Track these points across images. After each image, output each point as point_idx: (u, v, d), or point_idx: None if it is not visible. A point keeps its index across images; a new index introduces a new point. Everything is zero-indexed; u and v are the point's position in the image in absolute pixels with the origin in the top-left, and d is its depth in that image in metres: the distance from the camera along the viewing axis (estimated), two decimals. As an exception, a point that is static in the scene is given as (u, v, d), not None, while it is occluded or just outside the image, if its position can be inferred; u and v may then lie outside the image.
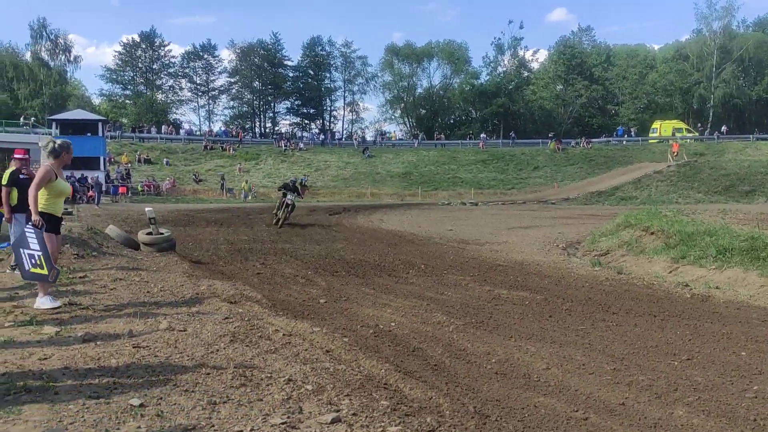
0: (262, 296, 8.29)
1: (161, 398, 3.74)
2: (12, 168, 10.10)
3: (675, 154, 51.96)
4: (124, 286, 8.52)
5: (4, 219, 10.10)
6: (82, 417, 3.38)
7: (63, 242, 13.00)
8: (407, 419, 3.54)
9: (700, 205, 32.71)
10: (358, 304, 8.27)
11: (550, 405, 4.39)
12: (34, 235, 6.64)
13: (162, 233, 13.73)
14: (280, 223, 21.29)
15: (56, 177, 7.02)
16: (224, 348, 5.08)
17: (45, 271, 6.56)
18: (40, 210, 6.80)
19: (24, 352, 4.75)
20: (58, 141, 7.17)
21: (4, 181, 9.92)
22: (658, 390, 4.78)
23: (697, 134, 62.21)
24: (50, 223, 7.00)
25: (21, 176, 10.14)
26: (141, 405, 3.58)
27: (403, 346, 5.86)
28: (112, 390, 3.86)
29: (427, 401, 4.00)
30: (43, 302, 6.58)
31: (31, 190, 6.80)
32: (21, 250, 6.63)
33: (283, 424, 3.38)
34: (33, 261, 6.56)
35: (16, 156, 10.50)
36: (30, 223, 6.76)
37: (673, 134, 60.04)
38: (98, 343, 5.12)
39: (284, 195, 22.09)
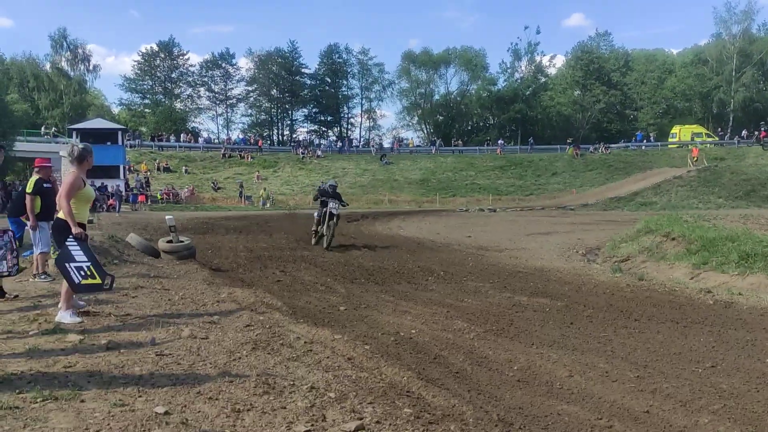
0: (282, 303, 8.32)
1: (186, 406, 3.77)
2: (36, 177, 10.24)
3: (695, 159, 51.58)
4: (146, 294, 8.59)
5: (29, 227, 10.20)
6: (108, 425, 3.41)
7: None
8: (431, 427, 3.54)
9: (720, 210, 32.41)
10: (378, 311, 8.26)
11: (573, 413, 4.37)
12: (78, 247, 6.37)
13: (182, 241, 13.82)
14: (327, 242, 16.40)
15: (84, 184, 6.79)
16: (246, 356, 5.11)
17: (98, 280, 6.35)
18: (66, 218, 6.48)
19: (49, 360, 4.80)
20: (80, 145, 6.95)
21: (29, 189, 10.06)
22: (682, 397, 4.74)
23: (717, 139, 61.68)
24: (68, 231, 6.66)
25: (45, 185, 10.29)
26: (166, 413, 3.61)
27: (425, 353, 5.84)
28: (136, 398, 3.90)
29: (450, 409, 3.99)
30: (63, 316, 6.38)
31: (62, 201, 6.47)
32: (66, 264, 6.32)
33: (307, 431, 3.39)
34: (82, 273, 6.30)
35: (38, 164, 10.65)
36: (72, 236, 6.41)
37: (692, 139, 59.61)
38: (122, 351, 5.17)
39: (324, 204, 16.78)
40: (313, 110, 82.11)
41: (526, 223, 27.00)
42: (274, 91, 78.27)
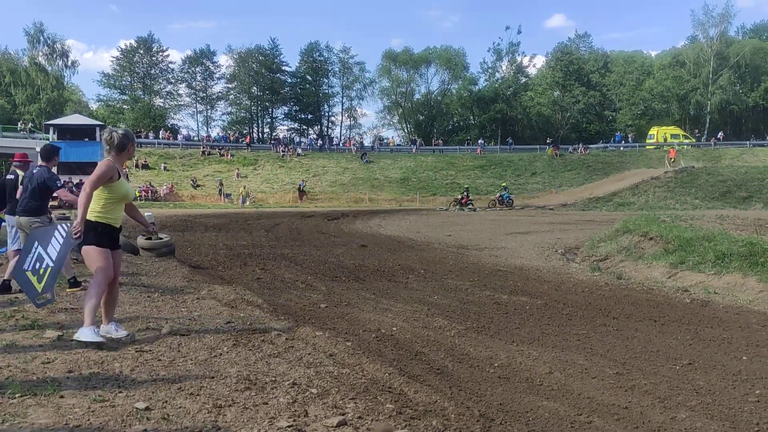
0: (263, 301, 8.29)
1: (166, 401, 3.75)
2: (21, 172, 10.08)
3: (672, 160, 52.12)
4: (125, 291, 8.50)
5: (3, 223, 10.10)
6: (89, 420, 3.39)
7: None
8: (413, 422, 3.55)
9: (697, 210, 32.73)
10: (359, 308, 8.26)
11: (553, 408, 4.40)
12: (61, 242, 5.44)
13: (161, 238, 13.72)
14: None
15: (119, 176, 5.66)
16: (227, 352, 5.09)
17: (39, 287, 5.35)
18: (95, 219, 5.49)
19: (27, 356, 4.75)
20: (121, 130, 5.83)
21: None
22: (660, 394, 4.79)
23: (693, 140, 62.41)
24: (107, 236, 5.58)
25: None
26: (146, 408, 3.59)
27: (406, 350, 5.86)
28: (117, 393, 3.87)
29: (432, 404, 4.00)
30: (84, 333, 5.22)
31: (86, 187, 5.41)
32: (36, 243, 5.42)
33: (289, 427, 3.39)
34: (36, 265, 5.34)
35: (21, 159, 10.49)
36: (68, 225, 5.53)
37: (665, 140, 60.29)
38: (102, 346, 5.12)
39: None
40: (294, 108, 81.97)
41: (505, 223, 27.11)
42: (255, 88, 78.00)
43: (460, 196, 42.16)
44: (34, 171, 9.03)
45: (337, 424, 3.42)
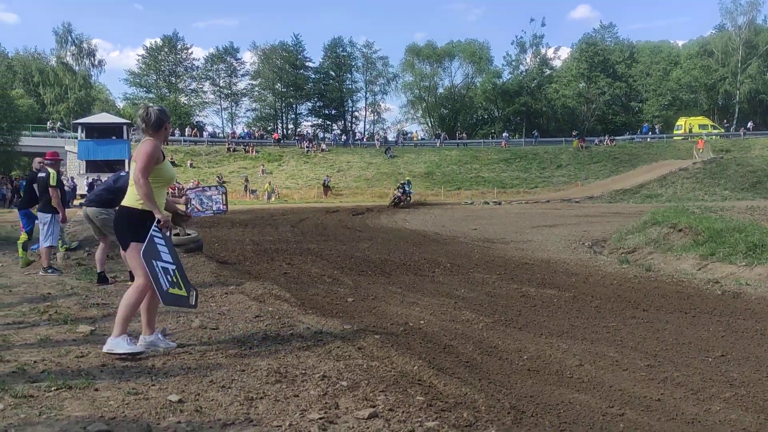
0: (291, 295, 8.32)
1: (199, 394, 3.79)
2: (53, 170, 10.26)
3: (701, 150, 51.45)
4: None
5: (56, 220, 10.23)
6: (123, 412, 3.43)
7: (83, 243, 13.19)
8: (444, 414, 3.55)
9: (726, 202, 32.29)
10: (386, 302, 8.27)
11: (584, 401, 4.37)
12: (164, 243, 5.02)
13: (189, 234, 13.83)
14: None
15: (163, 156, 5.14)
16: (257, 345, 5.13)
17: (184, 292, 5.14)
18: (137, 206, 4.90)
19: (61, 350, 4.83)
20: (156, 106, 5.25)
21: (53, 182, 10.10)
22: (693, 386, 4.74)
23: (722, 131, 61.52)
24: (143, 225, 4.89)
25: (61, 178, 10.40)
26: (180, 401, 3.63)
27: (434, 343, 5.85)
28: (150, 386, 3.92)
29: (462, 397, 3.99)
30: (118, 344, 4.76)
31: (139, 178, 4.80)
32: (154, 262, 4.88)
33: (321, 419, 3.41)
34: (169, 278, 4.99)
35: (53, 157, 10.65)
36: (155, 225, 4.92)
37: (691, 131, 59.52)
38: (132, 341, 5.18)
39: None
40: (318, 104, 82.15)
41: (531, 216, 26.97)
42: (279, 85, 78.26)
43: (400, 191, 35.45)
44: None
45: (368, 416, 3.43)
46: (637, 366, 5.24)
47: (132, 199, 4.94)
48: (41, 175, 10.35)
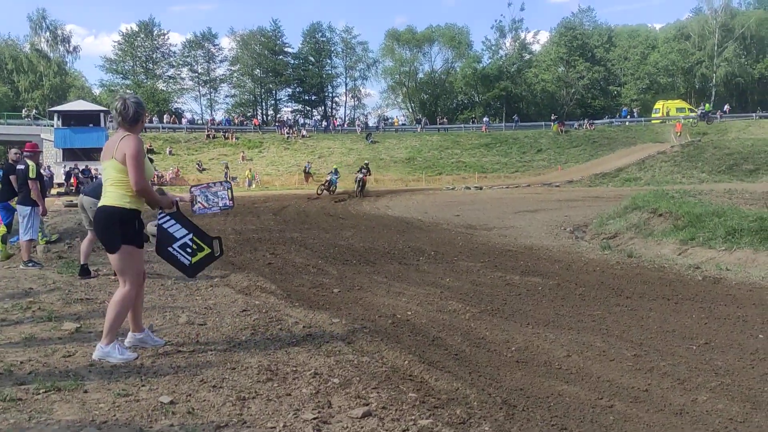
0: (276, 287, 8.30)
1: (190, 395, 3.77)
2: (32, 162, 10.14)
3: (678, 134, 51.84)
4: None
5: (36, 213, 10.12)
6: (114, 415, 3.41)
7: (63, 236, 13.04)
8: (437, 411, 3.56)
9: (704, 185, 32.58)
10: (372, 293, 8.26)
11: (573, 393, 4.40)
12: (173, 222, 5.09)
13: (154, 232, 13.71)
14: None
15: (144, 152, 4.94)
16: (246, 341, 5.11)
17: (207, 250, 5.17)
18: (122, 205, 4.72)
19: (47, 349, 4.78)
20: (132, 98, 4.95)
21: (33, 175, 9.99)
22: (680, 375, 4.79)
23: (699, 113, 62.03)
24: (134, 227, 4.84)
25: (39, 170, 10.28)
26: (171, 402, 3.61)
27: (423, 335, 5.86)
28: (140, 387, 3.90)
29: (454, 392, 4.01)
30: (109, 353, 4.60)
31: (135, 174, 4.65)
32: (170, 249, 5.07)
33: (315, 419, 3.40)
34: (189, 250, 5.08)
35: (32, 149, 10.52)
36: (162, 213, 5.03)
37: (668, 114, 59.95)
38: (119, 338, 5.14)
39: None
40: (297, 90, 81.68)
41: (512, 201, 27.06)
42: (258, 71, 77.71)
43: (357, 178, 32.94)
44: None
45: (362, 415, 3.43)
46: (624, 356, 5.29)
47: (117, 198, 4.72)
48: (20, 167, 10.22)
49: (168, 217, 5.06)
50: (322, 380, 4.02)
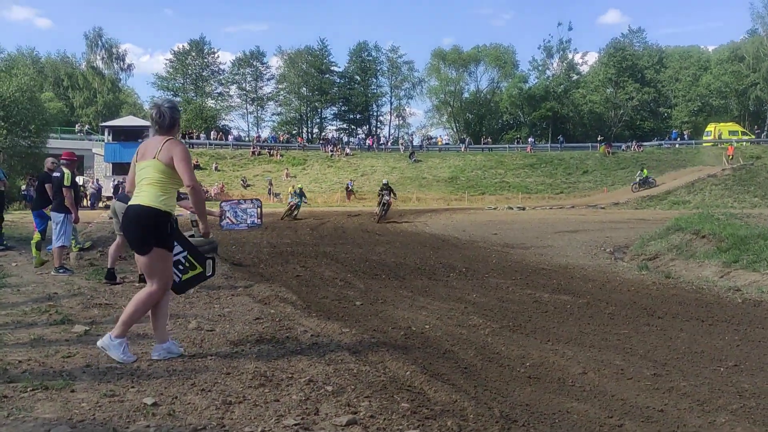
0: (297, 298, 8.21)
1: (176, 397, 3.67)
2: (68, 170, 10.29)
3: (730, 157, 50.57)
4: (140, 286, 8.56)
5: (69, 220, 10.24)
6: (93, 415, 3.33)
7: (97, 243, 13.20)
8: (427, 422, 3.38)
9: (756, 209, 31.65)
10: (394, 306, 8.12)
11: (583, 410, 4.18)
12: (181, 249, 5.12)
13: (191, 235, 13.77)
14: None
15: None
16: (250, 348, 5.01)
17: (199, 269, 5.17)
18: (163, 208, 4.68)
19: (50, 350, 4.76)
20: (167, 103, 4.95)
21: (67, 182, 10.12)
22: (700, 397, 4.52)
23: (753, 137, 60.40)
24: (169, 231, 4.76)
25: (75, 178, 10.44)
26: (154, 404, 3.52)
27: (434, 348, 5.68)
28: (129, 388, 3.81)
29: (451, 404, 3.82)
30: (113, 347, 4.59)
31: (188, 173, 4.68)
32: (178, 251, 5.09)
33: (296, 425, 3.27)
34: (181, 267, 5.08)
35: (69, 158, 10.68)
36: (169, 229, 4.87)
37: (720, 137, 58.47)
38: (128, 348, 5.10)
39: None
40: (343, 108, 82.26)
41: (554, 222, 26.65)
42: (304, 89, 78.49)
43: (382, 200, 27.85)
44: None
45: (346, 423, 3.29)
46: (643, 375, 5.03)
47: (153, 198, 4.66)
48: (56, 174, 10.37)
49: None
50: (315, 387, 3.89)
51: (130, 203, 4.77)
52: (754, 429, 3.93)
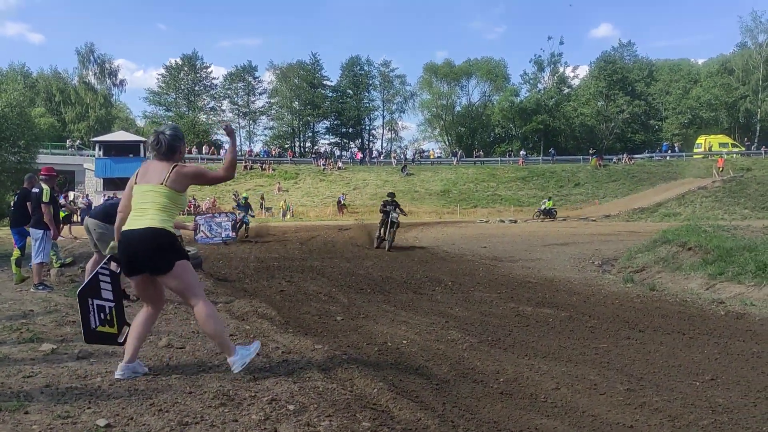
0: (277, 313, 8.14)
1: (132, 418, 3.58)
2: (47, 186, 10.21)
3: (720, 169, 50.72)
4: (138, 303, 8.45)
5: (48, 236, 10.15)
6: (42, 438, 3.24)
7: (78, 259, 13.09)
8: (386, 442, 3.31)
9: (745, 221, 31.66)
10: (375, 321, 8.04)
11: (551, 427, 4.11)
12: (108, 279, 5.00)
13: (189, 251, 13.68)
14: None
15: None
16: (217, 366, 4.93)
17: (114, 330, 4.92)
18: (168, 229, 4.67)
19: (12, 369, 4.66)
20: (168, 130, 4.90)
21: (46, 199, 10.03)
22: (672, 412, 4.46)
23: (743, 149, 60.65)
24: (179, 244, 4.81)
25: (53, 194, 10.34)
26: (107, 425, 3.43)
27: (408, 364, 5.61)
28: (84, 409, 3.72)
29: (415, 422, 3.75)
30: (240, 359, 4.68)
31: (212, 175, 4.96)
32: (90, 300, 4.85)
33: (250, 446, 3.20)
34: (102, 316, 4.88)
35: (48, 173, 10.60)
36: (106, 262, 5.05)
37: (711, 149, 58.72)
38: (91, 360, 5.01)
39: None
40: (335, 122, 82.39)
41: (544, 235, 26.60)
42: (296, 103, 78.62)
43: (391, 218, 20.19)
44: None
45: (302, 444, 3.22)
46: (617, 390, 4.96)
47: (164, 222, 4.64)
48: (35, 190, 10.29)
49: (108, 272, 4.98)
50: (277, 407, 3.80)
51: (133, 227, 4.62)
52: (724, 445, 3.87)
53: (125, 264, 4.71)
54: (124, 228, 4.72)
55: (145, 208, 4.66)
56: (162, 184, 4.68)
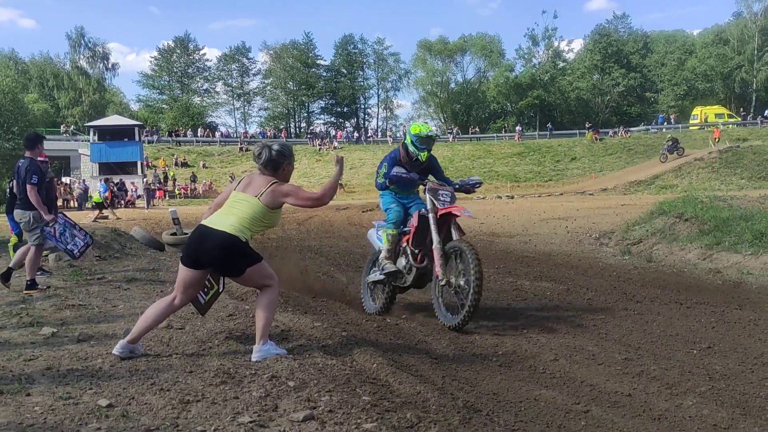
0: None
1: (133, 398, 3.60)
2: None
3: (717, 140, 50.65)
4: (139, 287, 8.48)
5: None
6: (45, 419, 3.25)
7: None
8: (386, 415, 3.33)
9: (742, 191, 31.68)
10: (373, 298, 8.05)
11: (550, 397, 4.15)
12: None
13: (186, 233, 13.71)
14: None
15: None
16: (217, 345, 4.95)
17: (215, 287, 5.18)
18: (246, 239, 4.72)
19: (13, 353, 4.67)
20: (276, 146, 4.89)
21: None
22: (669, 380, 4.50)
23: (739, 119, 60.57)
24: (250, 248, 4.80)
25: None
26: (109, 405, 3.44)
27: (407, 339, 5.65)
28: (86, 390, 3.74)
29: (415, 396, 3.78)
30: (267, 351, 4.56)
31: (309, 198, 4.98)
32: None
33: (251, 422, 3.21)
34: (204, 289, 5.10)
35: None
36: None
37: (707, 120, 58.64)
38: (92, 343, 5.03)
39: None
40: (330, 102, 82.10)
41: (542, 209, 26.59)
42: (290, 84, 78.28)
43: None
44: (20, 163, 8.86)
45: (303, 419, 3.23)
46: (614, 360, 5.00)
47: (245, 231, 4.68)
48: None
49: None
50: (278, 383, 3.82)
51: (212, 225, 4.70)
52: (721, 411, 3.91)
53: (188, 254, 4.76)
54: (204, 221, 4.80)
55: (232, 212, 4.75)
56: (257, 197, 4.75)
